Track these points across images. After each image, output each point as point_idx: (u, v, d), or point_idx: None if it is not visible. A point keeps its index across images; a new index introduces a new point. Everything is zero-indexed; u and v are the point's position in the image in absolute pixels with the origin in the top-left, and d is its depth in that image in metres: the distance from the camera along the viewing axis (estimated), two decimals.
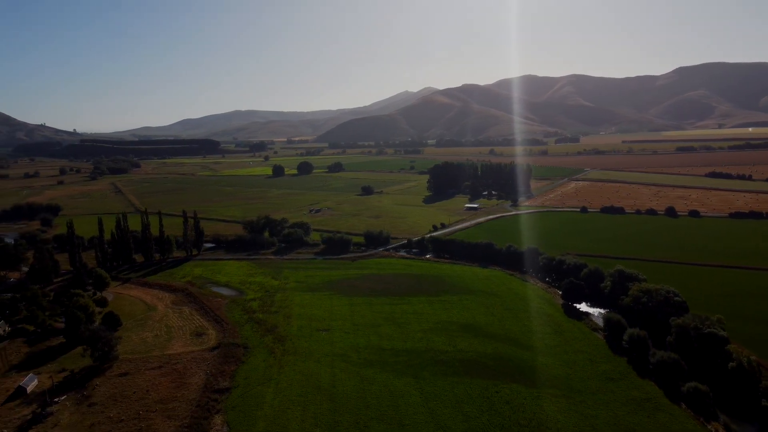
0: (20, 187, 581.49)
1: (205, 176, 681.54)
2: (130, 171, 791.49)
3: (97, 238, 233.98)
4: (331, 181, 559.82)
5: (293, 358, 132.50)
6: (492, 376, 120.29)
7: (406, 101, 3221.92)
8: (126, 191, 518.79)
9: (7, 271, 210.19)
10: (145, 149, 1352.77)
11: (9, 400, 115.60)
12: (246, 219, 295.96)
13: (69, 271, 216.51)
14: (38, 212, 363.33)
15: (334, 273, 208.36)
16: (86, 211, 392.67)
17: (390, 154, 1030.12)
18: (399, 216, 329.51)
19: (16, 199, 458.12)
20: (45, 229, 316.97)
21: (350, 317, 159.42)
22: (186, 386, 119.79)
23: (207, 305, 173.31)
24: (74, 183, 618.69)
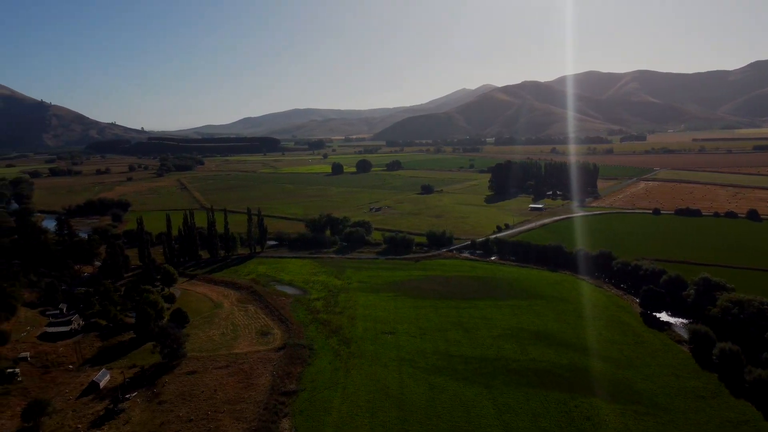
0: (92, 183, 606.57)
1: (267, 174, 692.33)
2: (195, 168, 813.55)
3: (165, 235, 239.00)
4: (389, 179, 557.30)
5: (359, 361, 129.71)
6: (569, 388, 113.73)
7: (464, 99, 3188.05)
8: (191, 188, 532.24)
9: (81, 266, 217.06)
10: (208, 147, 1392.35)
11: (83, 395, 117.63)
12: (308, 217, 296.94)
13: (138, 266, 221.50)
14: (109, 208, 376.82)
15: (397, 274, 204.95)
16: (154, 206, 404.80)
17: (448, 153, 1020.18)
18: (460, 216, 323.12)
19: (89, 194, 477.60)
20: (115, 224, 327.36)
21: (416, 320, 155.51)
22: (253, 387, 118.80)
23: (272, 304, 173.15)
24: (142, 179, 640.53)
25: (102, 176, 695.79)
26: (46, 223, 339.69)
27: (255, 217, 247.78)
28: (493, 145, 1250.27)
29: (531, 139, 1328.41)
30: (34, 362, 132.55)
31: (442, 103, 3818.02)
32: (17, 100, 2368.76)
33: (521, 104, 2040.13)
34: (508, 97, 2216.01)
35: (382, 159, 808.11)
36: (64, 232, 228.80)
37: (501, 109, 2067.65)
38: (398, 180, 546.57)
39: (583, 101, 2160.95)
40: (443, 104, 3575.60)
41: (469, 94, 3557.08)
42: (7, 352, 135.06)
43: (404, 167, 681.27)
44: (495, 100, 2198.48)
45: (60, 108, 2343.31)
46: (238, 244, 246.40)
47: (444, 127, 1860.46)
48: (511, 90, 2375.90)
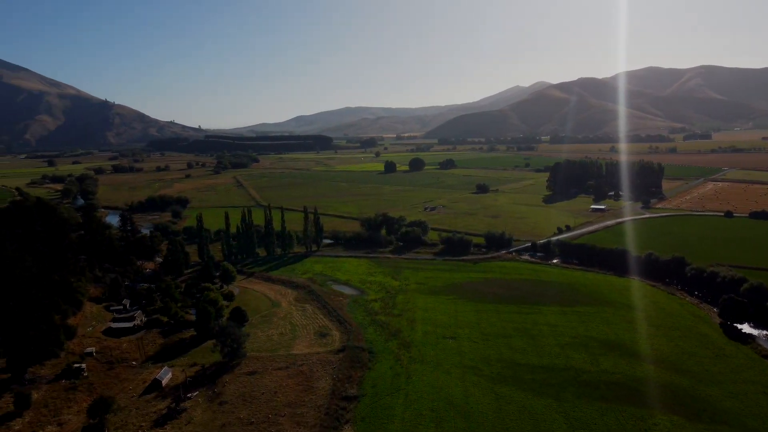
0: (152, 179, 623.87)
1: (320, 171, 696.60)
2: (250, 165, 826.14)
3: (223, 232, 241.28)
4: (443, 178, 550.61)
5: (421, 366, 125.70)
6: (645, 403, 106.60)
7: (517, 96, 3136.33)
8: (247, 185, 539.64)
9: (143, 262, 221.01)
10: (262, 145, 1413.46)
11: (146, 392, 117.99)
12: (363, 216, 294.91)
13: (197, 262, 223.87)
14: (169, 204, 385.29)
15: (456, 275, 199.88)
16: (211, 203, 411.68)
17: (501, 151, 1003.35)
18: (518, 216, 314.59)
19: (150, 191, 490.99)
20: (175, 220, 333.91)
21: (477, 325, 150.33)
22: (313, 390, 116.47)
23: (329, 304, 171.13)
24: (200, 176, 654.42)
25: (161, 173, 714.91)
26: (109, 218, 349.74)
27: (311, 215, 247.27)
28: (548, 143, 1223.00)
29: (588, 137, 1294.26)
30: (99, 358, 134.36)
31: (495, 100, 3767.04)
32: (83, 100, 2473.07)
33: (577, 101, 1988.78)
34: (564, 95, 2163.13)
35: (434, 157, 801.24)
36: (128, 228, 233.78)
37: (556, 106, 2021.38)
38: (452, 179, 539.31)
39: (643, 98, 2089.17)
40: (496, 102, 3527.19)
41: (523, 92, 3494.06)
42: (74, 347, 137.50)
43: (457, 166, 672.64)
44: (549, 98, 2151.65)
45: (122, 107, 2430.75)
46: (295, 243, 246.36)
47: (497, 125, 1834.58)
48: (566, 87, 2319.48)
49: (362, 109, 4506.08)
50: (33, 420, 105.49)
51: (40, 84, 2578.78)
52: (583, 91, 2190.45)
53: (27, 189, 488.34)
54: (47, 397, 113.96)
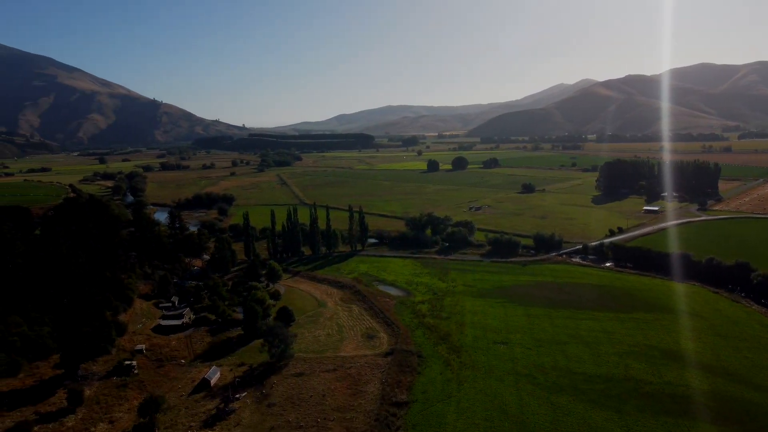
0: (199, 177, 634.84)
1: (362, 170, 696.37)
2: (293, 164, 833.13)
3: (268, 230, 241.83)
4: (487, 177, 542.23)
5: (472, 373, 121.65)
6: (715, 420, 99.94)
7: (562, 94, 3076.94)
8: (290, 183, 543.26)
9: (191, 259, 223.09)
10: (305, 143, 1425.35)
11: (195, 392, 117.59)
12: (408, 215, 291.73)
13: (243, 261, 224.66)
14: (215, 202, 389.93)
15: (504, 278, 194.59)
16: (256, 201, 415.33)
17: (546, 150, 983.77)
18: (567, 217, 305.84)
19: (196, 188, 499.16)
20: (221, 218, 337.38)
21: (529, 330, 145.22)
22: (362, 395, 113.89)
23: (376, 305, 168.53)
24: (244, 174, 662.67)
25: (207, 171, 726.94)
26: (157, 215, 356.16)
27: (356, 214, 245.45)
28: (594, 142, 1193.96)
29: (636, 136, 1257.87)
30: (149, 355, 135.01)
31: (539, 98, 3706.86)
32: (132, 99, 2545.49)
33: (625, 99, 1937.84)
34: (610, 92, 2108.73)
35: (477, 156, 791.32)
36: (176, 226, 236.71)
37: (602, 104, 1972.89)
38: (496, 178, 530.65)
39: (694, 95, 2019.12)
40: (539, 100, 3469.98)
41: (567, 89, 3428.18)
42: (125, 344, 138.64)
43: (501, 165, 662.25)
44: (595, 96, 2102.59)
45: (169, 106, 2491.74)
46: (340, 242, 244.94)
47: (541, 124, 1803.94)
48: (613, 84, 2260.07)
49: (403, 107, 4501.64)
50: (85, 417, 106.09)
51: (93, 84, 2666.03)
52: (630, 88, 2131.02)
53: (80, 186, 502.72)
54: (99, 393, 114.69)
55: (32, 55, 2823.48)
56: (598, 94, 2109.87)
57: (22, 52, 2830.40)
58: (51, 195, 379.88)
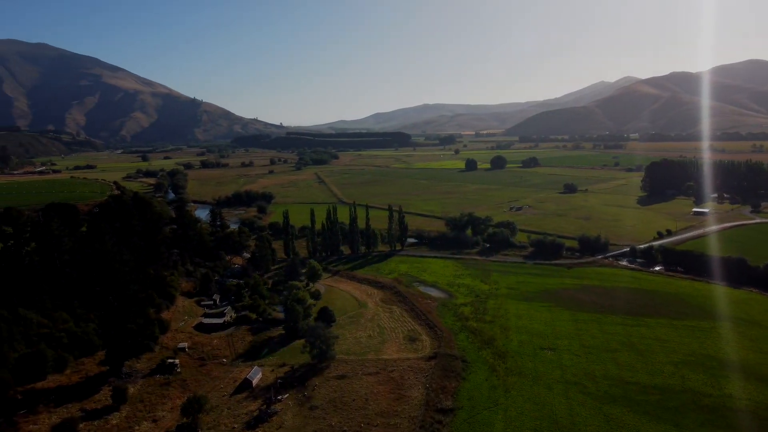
0: (238, 175, 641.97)
1: (399, 169, 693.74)
2: (330, 162, 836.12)
3: (308, 228, 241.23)
4: (527, 176, 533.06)
5: (519, 380, 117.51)
6: None
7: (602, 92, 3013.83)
8: (328, 181, 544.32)
9: (232, 257, 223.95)
10: (341, 141, 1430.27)
11: (237, 392, 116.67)
12: (448, 215, 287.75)
13: (283, 259, 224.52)
14: (254, 200, 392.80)
15: (549, 281, 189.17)
16: (294, 199, 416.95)
17: (587, 149, 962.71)
18: (612, 218, 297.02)
19: (235, 186, 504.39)
20: (260, 216, 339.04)
21: (577, 336, 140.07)
22: (405, 400, 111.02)
23: (417, 306, 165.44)
24: (282, 172, 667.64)
25: (246, 169, 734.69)
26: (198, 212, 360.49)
27: (396, 213, 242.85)
28: (637, 141, 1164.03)
29: (680, 135, 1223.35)
30: (192, 353, 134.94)
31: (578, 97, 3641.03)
32: (174, 98, 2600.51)
33: (669, 97, 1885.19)
34: (654, 90, 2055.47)
35: (516, 155, 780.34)
36: (217, 223, 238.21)
37: (645, 102, 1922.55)
38: (536, 177, 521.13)
39: (743, 93, 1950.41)
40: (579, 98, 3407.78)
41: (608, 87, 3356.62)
42: (168, 342, 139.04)
43: (541, 164, 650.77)
44: (638, 93, 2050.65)
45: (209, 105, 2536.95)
46: (379, 241, 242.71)
47: (581, 123, 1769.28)
48: (656, 82, 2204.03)
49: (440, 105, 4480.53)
50: (129, 415, 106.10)
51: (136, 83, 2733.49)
52: (674, 86, 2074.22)
53: (123, 183, 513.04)
54: (142, 392, 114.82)
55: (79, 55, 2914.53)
56: (641, 92, 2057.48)
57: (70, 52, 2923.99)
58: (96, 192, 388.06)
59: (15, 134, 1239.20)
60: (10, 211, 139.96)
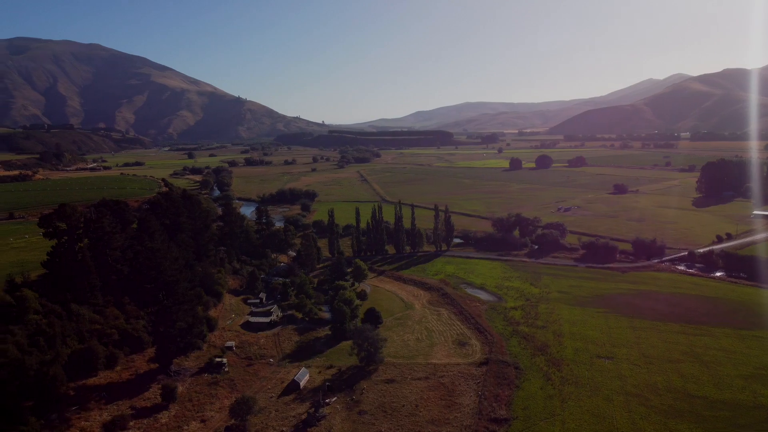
0: (281, 172, 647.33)
1: (442, 167, 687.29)
2: (372, 160, 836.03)
3: (353, 227, 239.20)
4: (574, 176, 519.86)
5: (575, 389, 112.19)
6: None
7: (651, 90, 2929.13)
8: (370, 180, 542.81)
9: (277, 255, 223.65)
10: (383, 140, 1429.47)
11: (284, 393, 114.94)
12: (494, 215, 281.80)
13: (328, 258, 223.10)
14: (298, 197, 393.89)
15: (602, 285, 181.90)
16: (337, 197, 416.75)
17: (636, 148, 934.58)
18: (666, 220, 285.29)
19: (279, 183, 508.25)
20: (304, 214, 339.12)
21: (636, 345, 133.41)
22: (457, 407, 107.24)
23: (466, 309, 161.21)
24: (325, 170, 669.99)
25: (289, 166, 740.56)
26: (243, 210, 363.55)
27: (442, 213, 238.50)
28: (688, 140, 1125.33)
29: (735, 133, 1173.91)
30: (239, 352, 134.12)
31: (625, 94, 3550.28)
32: (219, 96, 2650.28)
33: (722, 95, 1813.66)
34: (705, 87, 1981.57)
35: (561, 154, 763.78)
36: (263, 221, 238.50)
37: (696, 100, 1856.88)
38: (584, 177, 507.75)
39: None
40: (626, 96, 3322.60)
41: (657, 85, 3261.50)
42: (215, 340, 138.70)
43: (588, 163, 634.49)
44: (689, 91, 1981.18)
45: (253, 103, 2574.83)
46: (424, 241, 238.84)
47: (629, 121, 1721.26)
48: (709, 79, 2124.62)
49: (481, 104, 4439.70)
50: (178, 414, 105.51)
51: (182, 82, 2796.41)
52: (728, 83, 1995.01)
53: (170, 179, 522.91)
54: (191, 390, 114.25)
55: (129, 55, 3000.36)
56: (692, 90, 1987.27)
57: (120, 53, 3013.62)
58: (145, 188, 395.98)
59: (68, 132, 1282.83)
60: (64, 208, 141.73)
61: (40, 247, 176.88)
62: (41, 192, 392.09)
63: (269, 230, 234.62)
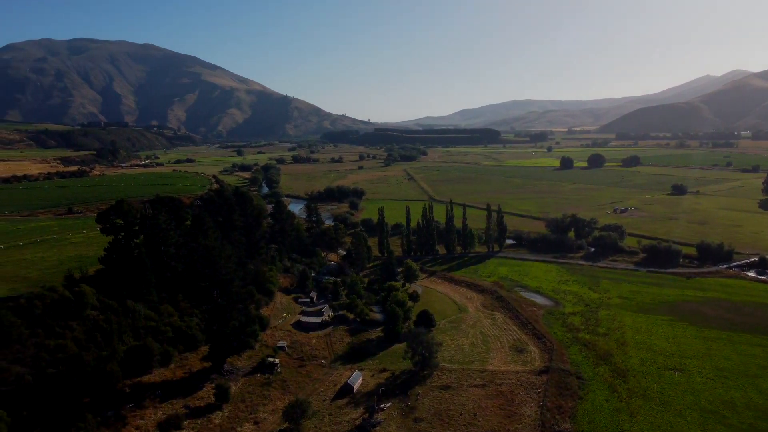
0: (328, 170, 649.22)
1: (490, 166, 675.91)
2: (418, 158, 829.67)
3: (402, 226, 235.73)
4: (628, 176, 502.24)
5: (644, 403, 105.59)
6: None
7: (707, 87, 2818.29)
8: (417, 178, 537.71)
9: (327, 253, 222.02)
10: (429, 138, 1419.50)
11: (337, 397, 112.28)
12: (548, 216, 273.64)
13: (377, 257, 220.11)
14: (346, 195, 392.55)
15: (666, 291, 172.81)
16: (384, 195, 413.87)
17: (693, 148, 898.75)
18: (731, 224, 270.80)
19: (326, 181, 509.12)
20: (352, 212, 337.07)
21: (708, 357, 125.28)
22: (518, 418, 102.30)
23: (522, 314, 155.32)
24: (371, 168, 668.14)
25: (336, 164, 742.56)
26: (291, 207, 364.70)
27: (494, 213, 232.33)
28: (749, 139, 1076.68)
29: None
30: (291, 353, 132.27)
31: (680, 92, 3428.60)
32: (267, 95, 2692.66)
33: None
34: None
35: (615, 153, 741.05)
36: (313, 219, 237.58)
37: (758, 97, 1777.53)
38: (639, 177, 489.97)
39: None
40: (681, 93, 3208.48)
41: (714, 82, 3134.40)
42: (267, 339, 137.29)
43: (643, 163, 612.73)
44: (750, 88, 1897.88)
45: (300, 101, 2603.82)
46: (476, 242, 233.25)
47: (684, 119, 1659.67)
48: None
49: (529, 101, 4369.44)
50: (231, 415, 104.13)
51: (232, 81, 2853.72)
52: None
53: (220, 176, 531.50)
54: (244, 391, 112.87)
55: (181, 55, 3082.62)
56: (754, 86, 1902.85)
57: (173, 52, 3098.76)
58: (197, 185, 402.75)
59: (123, 129, 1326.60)
60: (121, 204, 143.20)
61: (97, 242, 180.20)
62: (98, 187, 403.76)
63: (319, 228, 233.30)
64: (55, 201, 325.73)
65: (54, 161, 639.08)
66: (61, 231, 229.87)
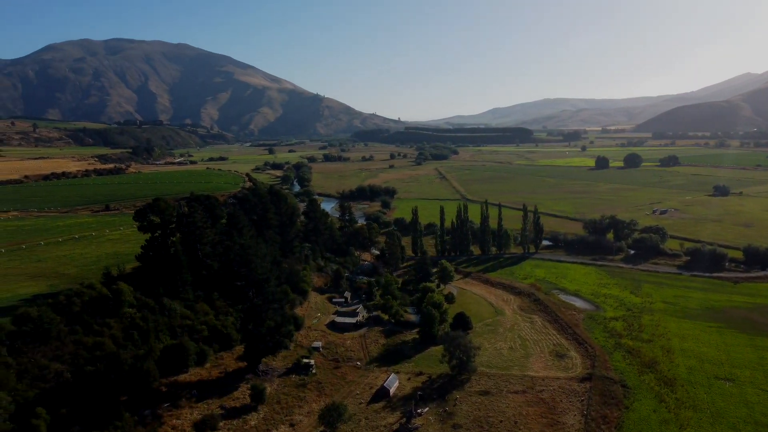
0: (359, 169, 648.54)
1: (523, 165, 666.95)
2: (449, 157, 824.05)
3: (436, 226, 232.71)
4: (667, 176, 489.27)
5: (694, 415, 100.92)
6: None
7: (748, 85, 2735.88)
8: (449, 177, 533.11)
9: (360, 252, 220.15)
10: (460, 137, 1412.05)
11: (373, 400, 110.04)
12: (584, 217, 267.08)
13: (411, 257, 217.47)
14: (378, 194, 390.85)
15: (713, 297, 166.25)
16: (416, 195, 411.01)
17: (734, 147, 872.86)
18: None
19: (357, 180, 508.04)
20: (384, 211, 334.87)
21: (761, 366, 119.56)
22: (560, 427, 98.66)
23: (561, 317, 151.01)
24: (402, 167, 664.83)
25: (366, 163, 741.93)
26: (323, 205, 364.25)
27: (530, 213, 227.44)
28: None
29: None
30: (326, 354, 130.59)
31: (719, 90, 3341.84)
32: (298, 94, 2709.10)
33: None
34: None
35: (652, 153, 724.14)
36: (346, 218, 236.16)
37: None
38: (678, 178, 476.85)
39: None
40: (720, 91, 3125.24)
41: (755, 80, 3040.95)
42: (302, 339, 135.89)
43: (681, 163, 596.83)
44: None
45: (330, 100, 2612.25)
46: (512, 242, 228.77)
47: (724, 118, 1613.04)
48: None
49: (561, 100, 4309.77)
50: (267, 416, 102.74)
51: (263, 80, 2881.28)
52: None
53: (252, 174, 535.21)
54: (279, 392, 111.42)
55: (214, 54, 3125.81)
56: None
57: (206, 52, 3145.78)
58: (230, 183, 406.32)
59: (158, 127, 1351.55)
60: (158, 202, 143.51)
61: (134, 239, 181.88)
62: (134, 185, 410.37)
63: (353, 227, 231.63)
64: (93, 198, 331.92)
65: (92, 159, 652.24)
66: (98, 228, 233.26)
